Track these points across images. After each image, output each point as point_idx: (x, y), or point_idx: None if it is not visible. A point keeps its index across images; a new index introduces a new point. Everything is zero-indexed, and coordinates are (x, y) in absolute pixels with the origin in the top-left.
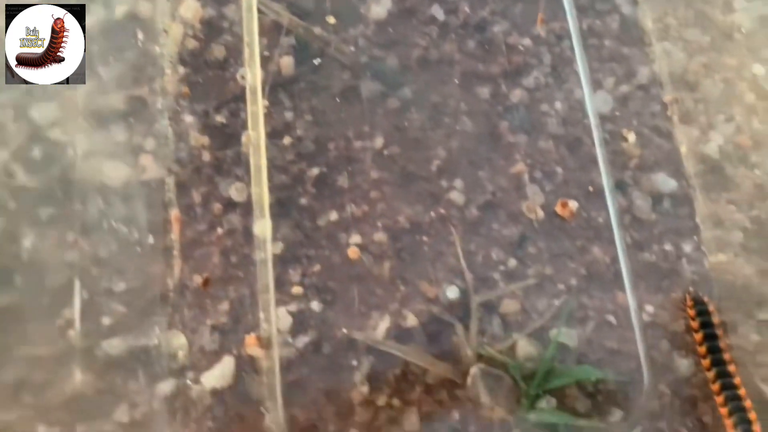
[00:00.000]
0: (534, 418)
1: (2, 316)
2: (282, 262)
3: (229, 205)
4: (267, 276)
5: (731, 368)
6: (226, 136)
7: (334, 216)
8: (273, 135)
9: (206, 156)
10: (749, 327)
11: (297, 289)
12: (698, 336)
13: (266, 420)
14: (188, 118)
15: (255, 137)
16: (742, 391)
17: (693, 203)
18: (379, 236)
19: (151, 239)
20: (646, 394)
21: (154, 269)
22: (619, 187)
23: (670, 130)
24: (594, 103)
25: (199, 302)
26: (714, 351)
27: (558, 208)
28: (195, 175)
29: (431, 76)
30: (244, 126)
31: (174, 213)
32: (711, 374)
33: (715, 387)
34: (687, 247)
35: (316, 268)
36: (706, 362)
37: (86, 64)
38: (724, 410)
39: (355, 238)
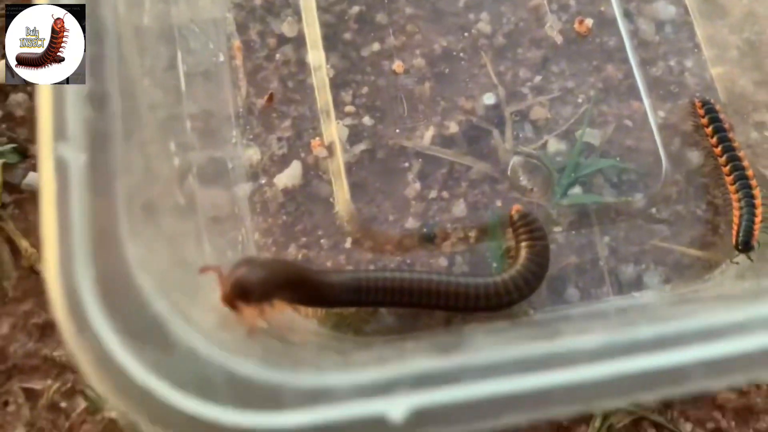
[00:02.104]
0: (567, 201)
1: None
2: (334, 85)
3: (283, 39)
4: (326, 93)
5: (741, 155)
6: None
7: (376, 47)
8: None
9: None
10: (748, 127)
11: (350, 108)
12: (709, 129)
13: (333, 210)
14: None
15: None
16: (750, 173)
17: (693, 27)
18: (418, 62)
19: (217, 66)
20: (664, 179)
21: (222, 92)
22: (626, 15)
23: None
24: None
25: (265, 119)
26: (724, 140)
27: (576, 25)
28: (250, 15)
29: None
30: None
31: (236, 43)
32: (722, 159)
33: (726, 169)
34: (689, 63)
35: (365, 90)
36: (718, 150)
37: None
38: (732, 187)
39: (397, 64)
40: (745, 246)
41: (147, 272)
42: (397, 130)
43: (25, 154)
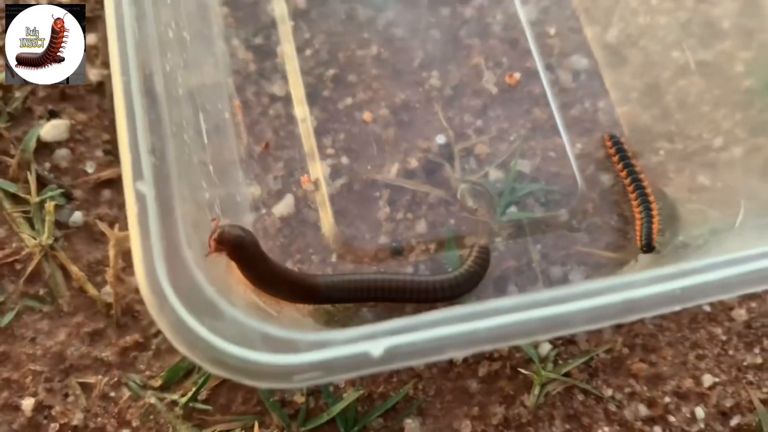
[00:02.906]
0: (506, 218)
1: None
2: (317, 133)
3: (274, 98)
4: (311, 140)
5: (642, 177)
6: (264, 53)
7: (349, 101)
8: (297, 50)
9: (252, 66)
10: (649, 153)
11: (330, 151)
12: (616, 158)
13: (321, 232)
14: (235, 41)
15: (288, 49)
16: (649, 191)
17: (601, 75)
18: (383, 112)
19: (224, 121)
20: (582, 197)
21: (229, 142)
22: (548, 68)
23: (579, 27)
24: (524, 13)
25: (263, 162)
26: (628, 165)
27: (507, 79)
28: (246, 79)
29: (406, 3)
30: (277, 44)
31: (237, 103)
32: (627, 181)
33: (630, 188)
34: (600, 104)
35: (342, 136)
36: (623, 174)
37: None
38: (635, 202)
39: (367, 115)
40: (648, 248)
41: (199, 268)
42: (369, 167)
43: (70, 197)
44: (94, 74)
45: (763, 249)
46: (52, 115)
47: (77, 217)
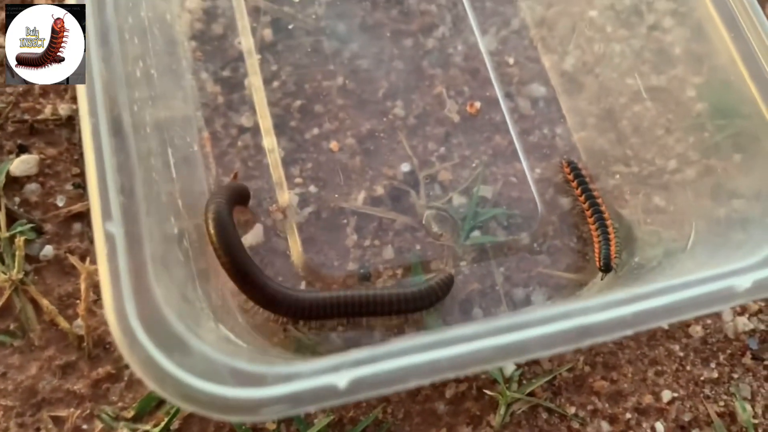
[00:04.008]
0: (469, 242)
1: None
2: (285, 163)
3: (242, 129)
4: (279, 169)
5: (599, 200)
6: (232, 85)
7: (316, 131)
8: (265, 81)
9: (220, 99)
10: (606, 177)
11: (298, 180)
12: (575, 183)
13: (290, 260)
14: (204, 75)
15: (256, 82)
16: (606, 214)
17: (559, 102)
18: (349, 141)
19: (193, 153)
20: (542, 220)
21: (198, 173)
22: (508, 96)
23: (537, 56)
24: (484, 44)
25: None
26: (586, 190)
27: (468, 107)
28: (215, 111)
29: (370, 35)
30: (244, 76)
31: (205, 135)
32: (585, 205)
33: (588, 212)
34: (558, 130)
35: (309, 165)
36: (581, 198)
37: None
38: (593, 226)
39: (333, 144)
40: (606, 268)
41: (168, 305)
42: (336, 195)
43: (41, 231)
44: (63, 108)
45: (703, 274)
46: (22, 149)
47: (48, 250)
